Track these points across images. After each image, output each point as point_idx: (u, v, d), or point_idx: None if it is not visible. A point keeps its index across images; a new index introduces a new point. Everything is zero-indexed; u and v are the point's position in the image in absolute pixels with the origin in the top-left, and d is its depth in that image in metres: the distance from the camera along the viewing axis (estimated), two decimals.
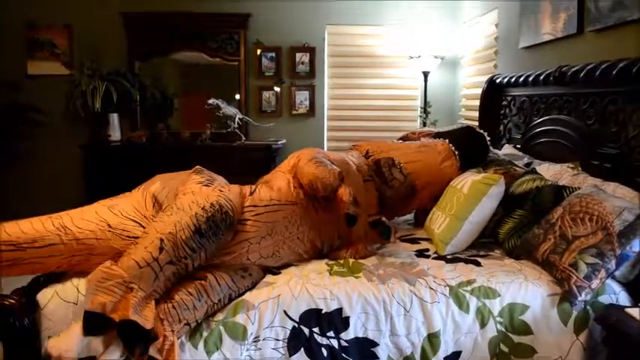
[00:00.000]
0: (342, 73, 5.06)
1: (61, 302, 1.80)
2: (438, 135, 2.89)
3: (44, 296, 1.81)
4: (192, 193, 1.93)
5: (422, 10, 4.86)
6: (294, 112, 5.03)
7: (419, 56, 4.64)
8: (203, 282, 1.81)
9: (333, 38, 5.00)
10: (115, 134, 4.81)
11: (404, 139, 2.99)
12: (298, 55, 4.95)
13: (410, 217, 2.96)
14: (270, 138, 4.87)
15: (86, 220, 1.91)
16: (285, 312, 1.81)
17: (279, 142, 4.77)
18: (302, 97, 5.02)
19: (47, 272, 1.89)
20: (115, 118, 4.79)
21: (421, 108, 4.84)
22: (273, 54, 4.96)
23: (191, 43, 4.94)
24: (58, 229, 1.86)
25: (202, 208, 1.84)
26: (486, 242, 2.38)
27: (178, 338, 1.71)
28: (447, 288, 1.91)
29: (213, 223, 1.82)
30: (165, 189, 2.06)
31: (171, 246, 1.74)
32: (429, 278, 1.95)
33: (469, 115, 4.47)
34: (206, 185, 2.03)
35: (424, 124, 4.79)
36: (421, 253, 2.29)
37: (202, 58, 4.96)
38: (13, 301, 1.79)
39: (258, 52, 4.94)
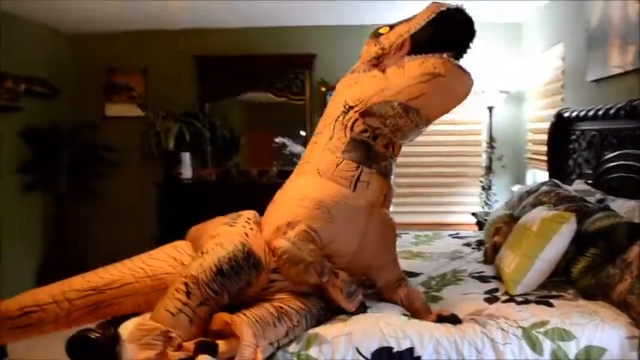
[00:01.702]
0: None
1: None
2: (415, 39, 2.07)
3: (126, 329, 1.91)
4: (217, 235, 1.93)
5: (486, 44, 4.86)
6: None
7: (483, 91, 4.63)
8: (282, 305, 1.86)
9: None
10: (187, 172, 5.02)
11: (378, 60, 2.13)
12: None
13: (479, 254, 2.94)
14: None
15: (154, 259, 2.03)
16: (357, 349, 1.83)
17: None
18: None
19: (128, 313, 1.97)
20: (187, 156, 5.00)
21: (486, 143, 4.80)
22: None
23: (258, 84, 5.13)
24: (131, 269, 1.98)
25: (224, 249, 1.83)
26: (558, 281, 2.34)
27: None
28: (520, 329, 1.88)
29: (235, 263, 1.80)
30: (197, 233, 2.14)
31: (196, 288, 1.75)
32: (501, 320, 1.93)
33: (536, 149, 4.40)
34: (231, 225, 2.00)
35: (490, 160, 4.75)
36: (491, 293, 2.27)
37: (268, 97, 5.14)
38: (97, 334, 1.90)
39: (323, 90, 5.07)
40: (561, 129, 3.60)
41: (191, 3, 4.24)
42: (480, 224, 4.28)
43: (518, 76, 4.81)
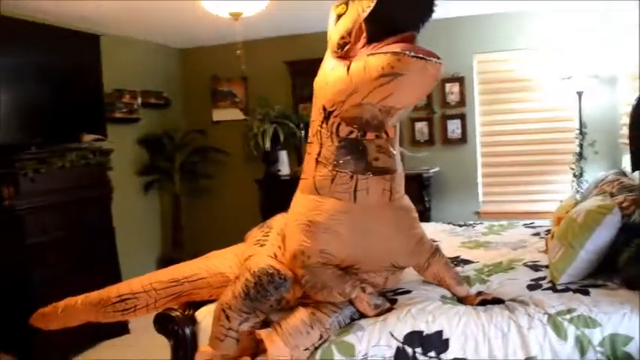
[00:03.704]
0: (493, 100, 5.14)
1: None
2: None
3: (200, 314, 2.28)
4: (249, 259, 2.16)
5: (571, 29, 4.73)
6: (446, 140, 5.21)
7: (569, 77, 4.54)
8: (314, 311, 2.06)
9: (481, 66, 5.11)
10: (285, 169, 5.42)
11: (344, 49, 1.93)
12: (448, 86, 5.13)
13: (542, 244, 3.00)
14: (424, 166, 5.08)
15: (223, 258, 2.35)
16: (390, 333, 2.03)
17: (431, 171, 4.98)
18: (454, 125, 5.17)
19: (204, 300, 2.32)
20: (284, 155, 5.40)
21: (577, 129, 4.70)
22: None
23: None
24: (206, 266, 2.32)
25: (251, 274, 2.04)
26: (611, 272, 2.37)
27: None
28: (546, 316, 1.98)
29: (261, 287, 2.01)
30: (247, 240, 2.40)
31: (232, 312, 2.04)
32: (530, 306, 2.05)
33: None
34: (262, 245, 2.22)
35: (581, 147, 4.65)
36: (536, 281, 2.37)
37: None
38: (178, 313, 2.28)
39: None
40: None
41: (286, 12, 4.56)
42: None
43: (608, 58, 4.64)
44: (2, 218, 3.45)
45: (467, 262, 2.80)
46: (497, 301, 2.16)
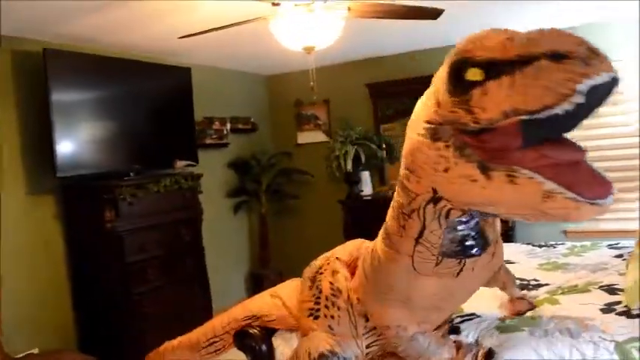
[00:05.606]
0: None
1: (285, 352, 2.37)
2: None
3: (275, 340, 2.43)
4: (308, 337, 2.17)
5: None
6: None
7: None
8: None
9: None
10: (367, 189, 5.53)
11: (470, 134, 1.45)
12: None
13: (624, 266, 2.90)
14: None
15: (288, 297, 2.44)
16: None
17: None
18: None
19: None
20: (366, 175, 5.51)
21: None
22: None
23: None
24: (276, 305, 2.44)
25: (310, 358, 2.07)
26: None
27: None
28: (613, 343, 1.94)
29: None
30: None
31: None
32: (596, 333, 2.01)
33: None
34: (315, 317, 2.19)
35: None
36: (610, 305, 2.32)
37: None
38: (256, 330, 2.45)
39: None
40: None
41: (364, 35, 4.70)
42: None
43: None
44: (105, 239, 3.79)
45: (541, 285, 2.76)
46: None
